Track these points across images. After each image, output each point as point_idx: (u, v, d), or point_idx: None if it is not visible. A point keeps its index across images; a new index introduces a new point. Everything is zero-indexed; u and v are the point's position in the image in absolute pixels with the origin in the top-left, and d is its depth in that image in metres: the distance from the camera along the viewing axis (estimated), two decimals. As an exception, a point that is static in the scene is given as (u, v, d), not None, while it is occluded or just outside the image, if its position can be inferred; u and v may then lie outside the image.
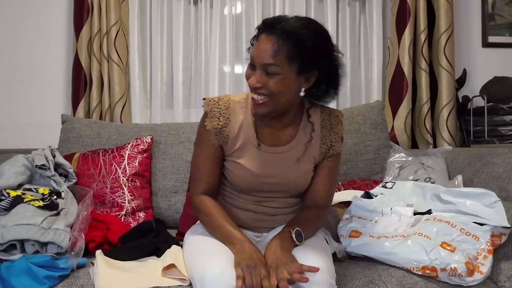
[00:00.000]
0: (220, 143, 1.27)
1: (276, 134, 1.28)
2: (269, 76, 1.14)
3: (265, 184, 1.27)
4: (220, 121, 1.26)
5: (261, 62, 1.14)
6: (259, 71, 1.15)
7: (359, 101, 2.50)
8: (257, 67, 1.15)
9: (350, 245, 1.35)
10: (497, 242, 1.25)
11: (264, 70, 1.14)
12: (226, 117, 1.27)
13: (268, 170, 1.26)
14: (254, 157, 1.26)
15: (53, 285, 1.15)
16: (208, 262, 1.10)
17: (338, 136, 1.32)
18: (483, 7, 2.53)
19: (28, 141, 2.18)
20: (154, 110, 2.37)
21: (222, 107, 1.28)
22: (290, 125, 1.29)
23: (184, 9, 2.38)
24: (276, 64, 1.12)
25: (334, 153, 1.31)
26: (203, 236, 1.26)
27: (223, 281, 1.04)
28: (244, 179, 1.26)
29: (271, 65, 1.13)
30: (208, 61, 2.38)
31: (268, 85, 1.14)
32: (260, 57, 1.14)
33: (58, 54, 2.30)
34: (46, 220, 1.32)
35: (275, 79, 1.14)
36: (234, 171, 1.27)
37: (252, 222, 1.32)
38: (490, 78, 2.33)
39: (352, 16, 2.50)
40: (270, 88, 1.15)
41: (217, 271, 1.06)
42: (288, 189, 1.29)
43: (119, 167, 1.73)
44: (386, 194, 1.48)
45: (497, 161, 1.57)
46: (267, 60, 1.12)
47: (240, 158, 1.26)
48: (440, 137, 2.28)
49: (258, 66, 1.15)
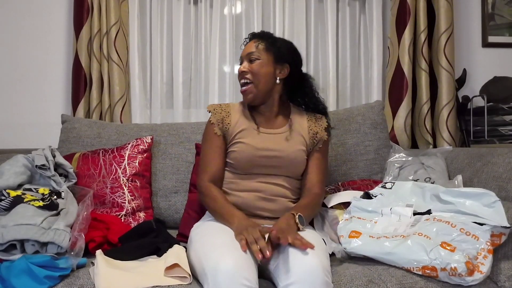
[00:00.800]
0: (223, 131, 1.52)
1: (270, 121, 1.55)
2: (251, 62, 1.50)
3: (264, 158, 1.46)
4: (222, 114, 1.55)
5: (246, 53, 1.52)
6: (245, 62, 1.52)
7: (359, 101, 2.50)
8: (243, 59, 1.53)
9: (350, 245, 1.34)
10: (497, 242, 1.25)
11: (248, 59, 1.51)
12: (227, 111, 1.56)
13: (266, 145, 1.48)
14: (253, 136, 1.50)
15: (53, 285, 1.15)
16: (222, 256, 1.12)
17: (322, 127, 1.57)
18: (483, 7, 2.54)
19: (28, 141, 2.19)
20: (154, 110, 2.38)
21: (223, 106, 1.59)
22: (281, 115, 1.57)
23: (184, 9, 2.38)
24: (257, 52, 1.50)
25: (321, 140, 1.55)
26: (212, 230, 1.30)
27: (237, 275, 1.06)
28: (246, 153, 1.46)
29: (253, 53, 1.50)
30: (208, 61, 2.38)
31: (252, 68, 1.49)
32: (245, 51, 1.53)
33: (58, 54, 2.31)
34: (46, 220, 1.32)
35: (256, 63, 1.50)
36: (237, 150, 1.48)
37: (256, 201, 1.44)
38: (490, 78, 2.33)
39: (352, 16, 2.51)
40: (252, 70, 1.49)
41: (231, 266, 1.08)
42: (284, 164, 1.48)
43: (119, 167, 1.73)
44: (385, 194, 1.48)
45: (497, 161, 1.57)
46: (250, 50, 1.52)
47: (242, 138, 1.49)
48: (440, 137, 2.28)
49: (244, 58, 1.53)
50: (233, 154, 1.48)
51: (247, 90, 1.50)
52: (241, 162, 1.47)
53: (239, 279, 1.05)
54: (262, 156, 1.46)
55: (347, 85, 2.50)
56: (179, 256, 1.25)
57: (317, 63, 2.48)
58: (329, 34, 2.42)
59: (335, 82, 2.45)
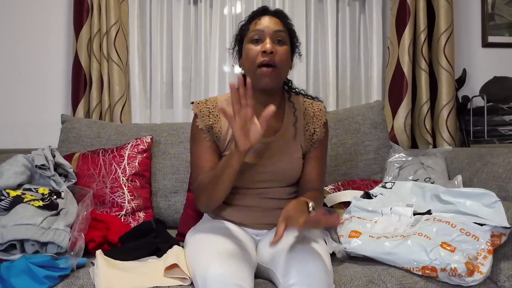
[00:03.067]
0: (213, 139, 1.35)
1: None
2: (278, 44, 1.27)
3: (258, 173, 1.32)
4: (210, 119, 1.35)
5: (273, 29, 1.27)
6: (269, 39, 1.26)
7: (359, 101, 2.50)
8: (267, 36, 1.26)
9: (350, 245, 1.34)
10: (497, 242, 1.25)
11: (274, 39, 1.26)
12: (215, 114, 1.36)
13: (259, 159, 1.32)
14: None
15: (53, 285, 1.15)
16: (211, 262, 1.10)
17: (321, 123, 1.41)
18: (483, 7, 2.54)
19: (28, 141, 2.18)
20: (154, 110, 2.37)
21: (210, 106, 1.37)
22: (275, 117, 1.35)
23: (184, 9, 2.38)
24: (284, 32, 1.28)
25: (319, 139, 1.39)
26: (205, 236, 1.26)
27: (226, 281, 1.04)
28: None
29: (281, 32, 1.27)
30: (208, 61, 2.38)
31: (280, 52, 1.26)
32: (271, 25, 1.27)
33: (58, 54, 2.31)
34: (46, 220, 1.32)
35: (283, 47, 1.27)
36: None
37: (255, 218, 1.35)
38: (490, 78, 2.33)
39: (352, 16, 2.51)
40: (280, 55, 1.26)
41: (220, 271, 1.06)
42: (281, 177, 1.35)
43: (119, 167, 1.73)
44: (385, 194, 1.48)
45: (496, 161, 1.57)
46: (278, 27, 1.27)
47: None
48: (440, 137, 2.28)
49: (269, 34, 1.26)
50: None
51: (271, 73, 1.26)
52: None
53: (229, 285, 1.03)
54: (256, 171, 1.32)
55: (347, 85, 2.50)
56: (179, 256, 1.25)
57: (317, 63, 2.47)
58: (329, 34, 2.42)
59: (335, 82, 2.45)
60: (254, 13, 1.33)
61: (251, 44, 1.29)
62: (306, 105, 1.42)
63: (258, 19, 1.30)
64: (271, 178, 1.34)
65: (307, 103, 1.43)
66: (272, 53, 1.24)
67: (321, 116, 1.42)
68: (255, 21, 1.30)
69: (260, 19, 1.29)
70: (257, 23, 1.29)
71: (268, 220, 1.35)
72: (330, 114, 1.68)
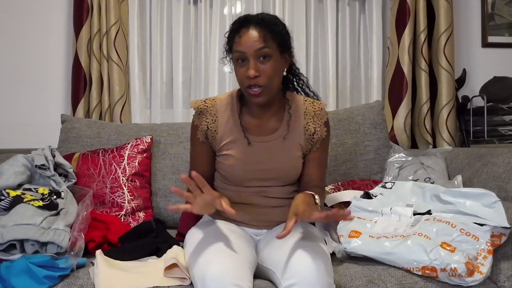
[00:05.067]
0: (209, 139, 1.36)
1: (262, 126, 1.37)
2: (263, 62, 1.23)
3: (257, 172, 1.33)
4: (207, 118, 1.36)
5: (254, 49, 1.22)
6: (252, 61, 1.23)
7: (359, 101, 2.50)
8: (249, 58, 1.23)
9: (349, 245, 1.34)
10: (497, 242, 1.25)
11: (257, 57, 1.23)
12: (213, 114, 1.36)
13: (257, 158, 1.33)
14: (243, 147, 1.34)
15: (53, 285, 1.15)
16: (209, 262, 1.10)
17: (321, 122, 1.39)
18: (482, 7, 2.53)
19: (28, 141, 2.18)
20: (154, 110, 2.37)
21: (208, 105, 1.38)
22: (274, 116, 1.37)
23: (184, 9, 2.38)
24: (267, 46, 1.22)
25: (320, 139, 1.38)
26: (204, 236, 1.26)
27: (225, 281, 1.04)
28: (236, 168, 1.33)
29: (264, 48, 1.22)
30: (208, 61, 2.38)
31: (265, 71, 1.23)
32: (251, 45, 1.22)
33: (57, 54, 2.30)
34: (46, 220, 1.32)
35: (269, 62, 1.24)
36: (226, 163, 1.35)
37: (255, 216, 1.36)
38: (489, 78, 2.33)
39: (352, 16, 2.50)
40: (267, 73, 1.23)
41: (218, 271, 1.06)
42: (280, 175, 1.35)
43: (118, 167, 1.73)
44: (385, 194, 1.48)
45: (496, 161, 1.57)
46: (259, 45, 1.22)
47: (230, 150, 1.34)
48: (439, 137, 2.28)
49: (251, 55, 1.23)
50: (222, 166, 1.36)
51: (260, 93, 1.25)
52: (231, 177, 1.35)
53: (227, 285, 1.04)
54: (254, 170, 1.33)
55: (347, 85, 2.50)
56: (179, 257, 1.25)
57: (317, 63, 2.47)
58: (329, 34, 2.42)
59: (335, 82, 2.45)
60: (235, 26, 1.28)
61: (237, 64, 1.28)
62: (307, 105, 1.40)
63: (239, 36, 1.25)
64: (270, 176, 1.35)
65: (308, 102, 1.41)
66: (257, 77, 1.23)
67: (322, 115, 1.40)
68: (238, 36, 1.25)
69: (241, 36, 1.24)
70: (239, 42, 1.24)
71: (267, 218, 1.36)
72: (330, 114, 1.68)
